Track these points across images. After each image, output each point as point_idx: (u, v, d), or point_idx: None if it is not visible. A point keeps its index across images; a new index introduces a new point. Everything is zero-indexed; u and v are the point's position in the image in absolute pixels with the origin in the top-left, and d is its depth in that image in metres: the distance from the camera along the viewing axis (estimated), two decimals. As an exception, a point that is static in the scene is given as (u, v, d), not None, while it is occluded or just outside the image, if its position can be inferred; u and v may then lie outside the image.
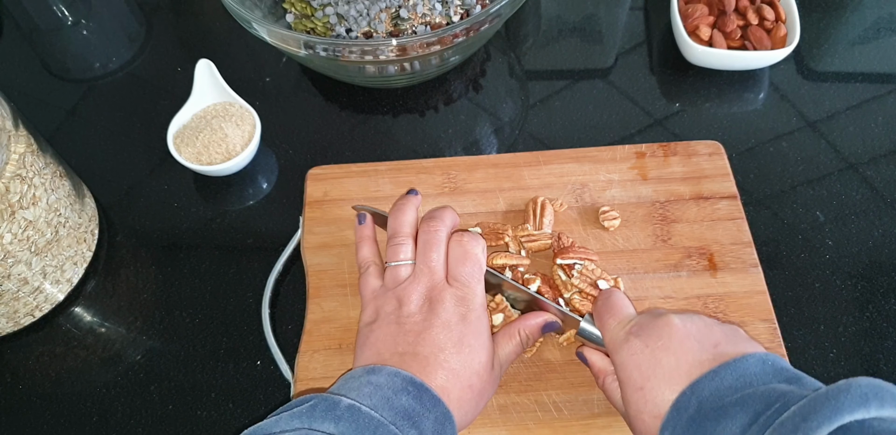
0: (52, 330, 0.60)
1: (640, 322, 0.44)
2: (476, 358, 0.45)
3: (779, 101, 0.70)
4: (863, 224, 0.62)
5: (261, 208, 0.66)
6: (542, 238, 0.57)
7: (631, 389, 0.42)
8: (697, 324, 0.43)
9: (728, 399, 0.37)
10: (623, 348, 0.43)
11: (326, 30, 0.70)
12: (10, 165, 0.50)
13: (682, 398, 0.39)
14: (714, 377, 0.39)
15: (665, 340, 0.42)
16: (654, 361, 0.41)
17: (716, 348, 0.41)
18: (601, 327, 0.47)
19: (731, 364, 0.39)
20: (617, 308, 0.47)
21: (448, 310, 0.46)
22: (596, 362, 0.48)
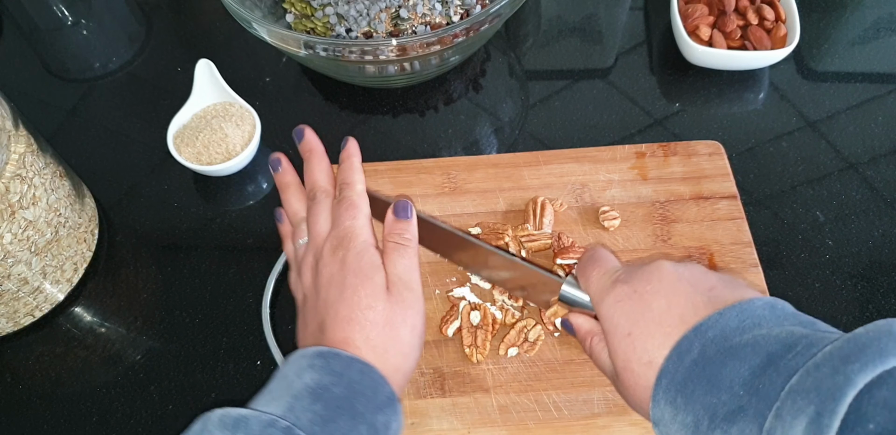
0: (52, 330, 0.60)
1: (627, 270, 0.41)
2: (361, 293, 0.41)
3: (779, 101, 0.70)
4: (863, 224, 0.62)
5: (261, 208, 0.66)
6: (542, 238, 0.57)
7: (618, 337, 0.38)
8: (691, 269, 0.40)
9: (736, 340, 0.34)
10: (609, 295, 0.40)
11: (326, 30, 0.70)
12: (10, 165, 0.50)
13: (684, 341, 0.35)
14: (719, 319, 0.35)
15: (655, 284, 0.38)
16: (644, 304, 0.38)
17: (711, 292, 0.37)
18: (585, 281, 0.43)
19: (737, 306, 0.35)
20: (602, 260, 0.43)
21: (329, 265, 0.43)
22: (582, 325, 0.44)
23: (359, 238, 0.44)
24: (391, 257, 0.44)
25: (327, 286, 0.43)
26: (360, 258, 0.43)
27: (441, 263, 0.57)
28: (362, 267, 0.42)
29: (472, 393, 0.52)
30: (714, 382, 0.33)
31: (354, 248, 0.43)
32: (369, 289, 0.42)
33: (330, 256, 0.44)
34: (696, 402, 0.33)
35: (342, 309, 0.41)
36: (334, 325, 0.41)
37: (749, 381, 0.32)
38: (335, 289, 0.42)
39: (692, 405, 0.33)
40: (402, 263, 0.44)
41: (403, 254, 0.44)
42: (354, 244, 0.44)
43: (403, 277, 0.43)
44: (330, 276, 0.43)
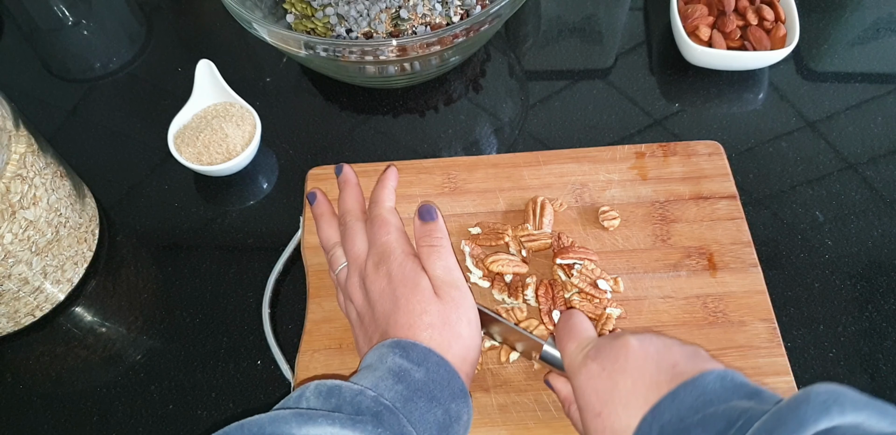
0: (52, 330, 0.60)
1: (597, 345, 0.43)
2: (414, 301, 0.44)
3: (778, 102, 0.70)
4: (862, 224, 0.62)
5: (261, 208, 0.66)
6: (542, 238, 0.57)
7: (590, 416, 0.40)
8: (656, 344, 0.42)
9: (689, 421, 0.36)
10: (581, 372, 0.42)
11: (327, 30, 0.70)
12: (11, 165, 0.50)
13: (643, 425, 0.38)
14: (674, 399, 0.38)
15: (622, 362, 0.40)
16: (611, 384, 0.40)
17: (674, 369, 0.40)
18: (562, 351, 0.45)
19: (690, 383, 0.38)
20: (577, 331, 0.45)
21: (376, 281, 0.46)
22: (561, 389, 0.47)
23: (397, 251, 0.47)
24: (429, 261, 0.46)
25: (380, 300, 0.45)
26: (403, 268, 0.45)
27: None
28: (407, 276, 0.45)
29: (473, 393, 0.52)
30: None
31: (395, 260, 0.46)
32: (419, 295, 0.44)
33: (374, 272, 0.46)
34: None
35: (400, 318, 0.44)
36: (396, 333, 0.44)
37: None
38: (388, 301, 0.45)
39: None
40: (440, 265, 0.46)
41: (439, 255, 0.47)
42: (394, 257, 0.46)
43: (445, 277, 0.46)
44: (380, 290, 0.46)
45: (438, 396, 0.40)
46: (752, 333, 0.53)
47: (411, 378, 0.40)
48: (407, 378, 0.40)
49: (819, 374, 0.55)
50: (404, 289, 0.45)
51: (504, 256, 0.56)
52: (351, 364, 0.54)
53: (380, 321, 0.45)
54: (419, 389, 0.40)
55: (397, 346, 0.42)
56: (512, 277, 0.56)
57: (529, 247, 0.57)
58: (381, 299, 0.45)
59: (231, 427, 0.38)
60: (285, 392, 0.56)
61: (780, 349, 0.53)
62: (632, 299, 0.55)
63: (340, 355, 0.54)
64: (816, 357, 0.56)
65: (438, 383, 0.41)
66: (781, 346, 0.53)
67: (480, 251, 0.57)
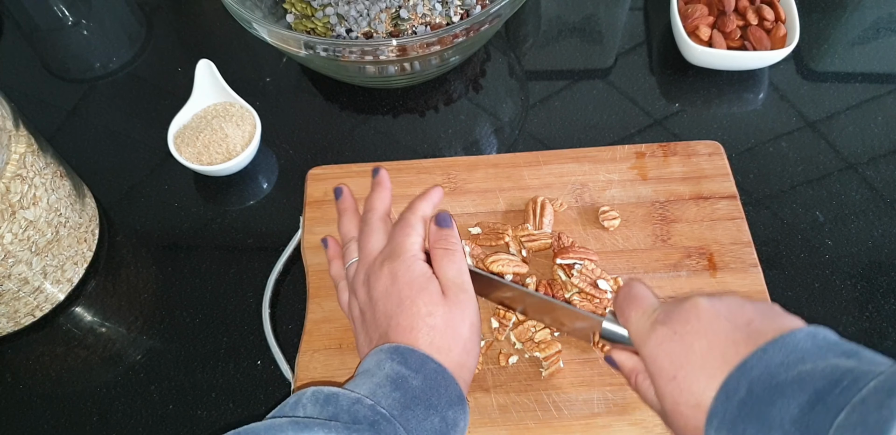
0: (52, 330, 0.60)
1: (665, 309, 0.41)
2: (420, 303, 0.44)
3: (778, 102, 0.70)
4: (862, 224, 0.62)
5: (261, 208, 0.66)
6: (542, 238, 0.57)
7: (664, 381, 0.39)
8: (727, 302, 0.40)
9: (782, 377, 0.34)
10: (650, 338, 0.40)
11: (327, 30, 0.70)
12: (11, 165, 0.50)
13: (730, 381, 0.36)
14: (763, 355, 0.35)
15: (693, 323, 0.39)
16: (685, 346, 0.38)
17: (749, 326, 0.38)
18: (625, 322, 0.43)
19: (779, 341, 0.36)
20: (639, 299, 0.43)
21: (381, 278, 0.46)
22: (625, 362, 0.45)
23: (408, 252, 0.46)
24: (442, 263, 0.46)
25: (384, 299, 0.45)
26: (411, 270, 0.45)
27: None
28: (415, 278, 0.45)
29: (472, 393, 0.52)
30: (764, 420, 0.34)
31: (404, 261, 0.46)
32: (426, 298, 0.44)
33: (380, 269, 0.46)
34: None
35: (403, 320, 0.44)
36: (397, 334, 0.43)
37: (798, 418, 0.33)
38: (393, 301, 0.45)
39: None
40: (452, 268, 0.46)
41: (453, 258, 0.47)
42: (403, 258, 0.46)
43: (456, 280, 0.46)
44: (385, 289, 0.45)
45: (436, 403, 0.40)
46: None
47: (409, 385, 0.40)
48: (404, 385, 0.40)
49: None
50: (410, 290, 0.44)
51: (504, 255, 0.56)
52: (351, 364, 0.54)
53: (380, 321, 0.45)
54: (417, 396, 0.40)
55: (395, 351, 0.42)
56: (512, 277, 0.56)
57: (529, 247, 0.57)
58: (385, 299, 0.45)
59: None
60: (286, 392, 0.56)
61: (780, 349, 0.53)
62: (632, 299, 0.55)
63: (340, 355, 0.54)
64: (816, 357, 0.56)
65: (436, 390, 0.41)
66: (781, 346, 0.53)
67: (480, 251, 0.57)
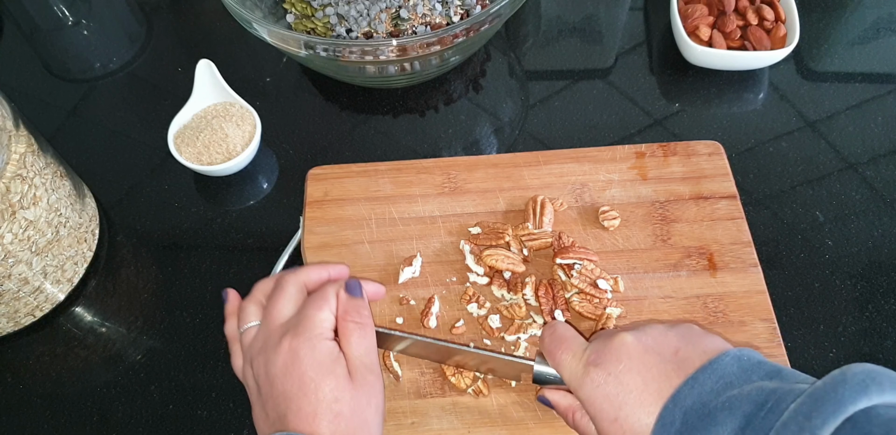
0: (52, 330, 0.60)
1: (595, 349, 0.42)
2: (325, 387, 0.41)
3: (778, 101, 0.70)
4: (862, 224, 0.62)
5: (261, 208, 0.66)
6: (542, 237, 0.57)
7: (606, 423, 0.39)
8: (651, 335, 0.41)
9: (713, 404, 0.36)
10: (585, 382, 0.41)
11: (327, 30, 0.70)
12: (11, 165, 0.50)
13: (665, 413, 0.37)
14: (693, 384, 0.37)
15: (626, 362, 0.40)
16: (621, 386, 0.39)
17: (677, 355, 0.39)
18: (556, 365, 0.44)
19: (708, 367, 0.37)
20: (567, 340, 0.44)
21: (280, 354, 0.42)
22: (560, 401, 0.45)
23: (315, 329, 0.42)
24: (351, 339, 0.43)
25: (283, 378, 0.41)
26: (315, 350, 0.41)
27: (440, 263, 0.57)
28: (320, 360, 0.41)
29: (473, 393, 0.52)
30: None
31: (308, 339, 0.42)
32: (332, 382, 0.41)
33: (279, 344, 0.42)
34: None
35: (305, 405, 0.40)
36: (298, 420, 0.40)
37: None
38: (293, 383, 0.41)
39: None
40: (363, 345, 0.43)
41: (363, 334, 0.43)
42: (308, 335, 0.42)
43: (365, 359, 0.43)
44: (284, 367, 0.41)
45: None
46: (753, 333, 0.53)
47: None
48: None
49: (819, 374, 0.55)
50: (315, 373, 0.41)
51: (502, 251, 0.56)
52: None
53: (279, 401, 0.41)
54: None
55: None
56: (511, 274, 0.56)
57: (530, 246, 0.57)
58: (284, 378, 0.41)
59: None
60: (285, 392, 0.56)
61: (780, 349, 0.53)
62: (632, 299, 0.55)
63: (340, 355, 0.54)
64: (816, 357, 0.56)
65: None
66: (782, 346, 0.53)
67: (479, 251, 0.57)
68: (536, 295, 0.54)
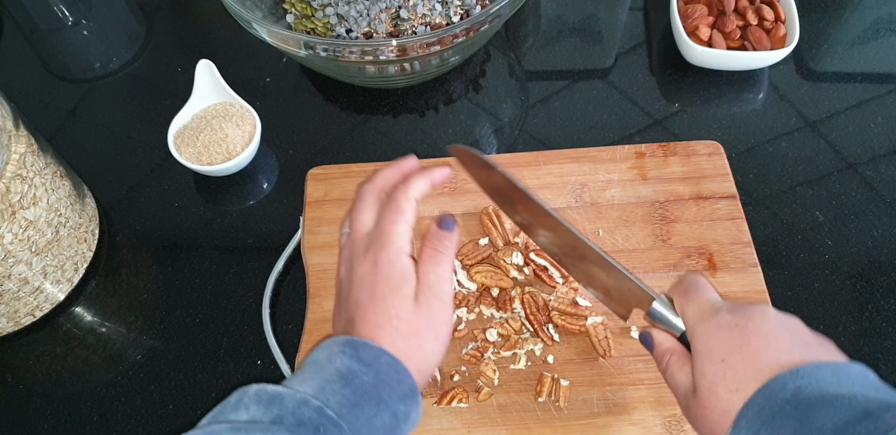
0: (52, 330, 0.60)
1: (732, 303, 0.43)
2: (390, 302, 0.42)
3: (778, 102, 0.70)
4: (862, 224, 0.62)
5: (261, 208, 0.66)
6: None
7: (710, 361, 0.40)
8: (792, 321, 0.42)
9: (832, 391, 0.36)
10: (710, 320, 0.41)
11: (326, 30, 0.70)
12: (11, 165, 0.50)
13: (780, 379, 0.37)
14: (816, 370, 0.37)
15: (758, 323, 0.40)
16: (743, 338, 0.40)
17: (807, 347, 0.39)
18: (684, 303, 0.44)
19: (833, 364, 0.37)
20: (704, 289, 0.44)
21: (364, 264, 0.44)
22: (664, 342, 0.45)
23: (394, 244, 0.43)
24: (426, 264, 0.44)
25: (359, 286, 0.43)
26: (392, 266, 0.43)
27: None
28: (393, 275, 0.43)
29: (472, 393, 0.52)
30: (804, 423, 0.35)
31: (388, 253, 0.43)
32: (397, 299, 0.42)
33: (363, 255, 0.44)
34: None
35: (370, 313, 0.42)
36: (362, 326, 0.42)
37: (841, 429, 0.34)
38: (366, 291, 0.43)
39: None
40: (435, 272, 0.44)
41: (439, 262, 0.44)
42: (389, 249, 0.43)
43: (435, 286, 0.43)
44: (361, 276, 0.43)
45: (386, 398, 0.39)
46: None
47: (359, 381, 0.39)
48: (355, 381, 0.39)
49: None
50: (385, 286, 0.42)
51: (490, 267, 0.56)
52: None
53: (351, 306, 0.43)
54: (366, 392, 0.39)
55: (348, 344, 0.41)
56: (499, 292, 0.56)
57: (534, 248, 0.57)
58: (361, 286, 0.43)
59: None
60: (285, 392, 0.56)
61: (780, 349, 0.53)
62: (632, 299, 0.55)
63: (340, 355, 0.54)
64: (816, 357, 0.56)
65: (388, 385, 0.40)
66: (781, 346, 0.53)
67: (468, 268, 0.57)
68: (526, 313, 0.54)
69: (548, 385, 0.52)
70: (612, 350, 0.53)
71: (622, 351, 0.54)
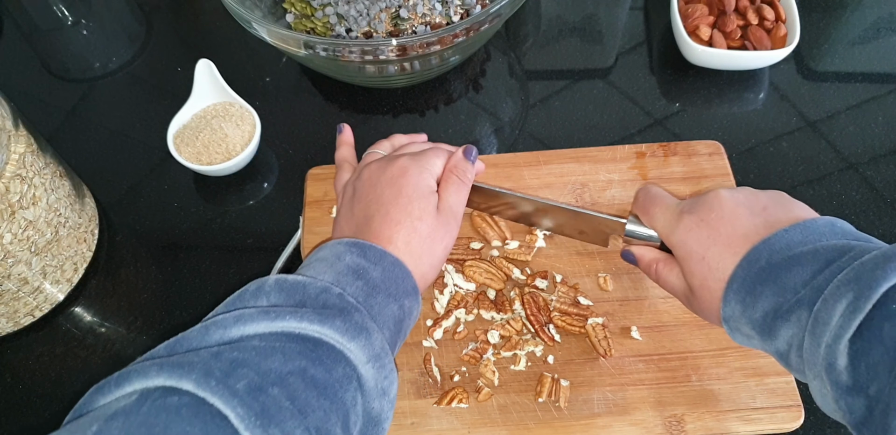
0: (52, 330, 0.60)
1: (689, 202, 0.46)
2: (416, 205, 0.45)
3: (779, 101, 0.70)
4: (863, 224, 0.62)
5: (261, 208, 0.66)
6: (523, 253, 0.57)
7: (693, 261, 0.43)
8: (744, 192, 0.44)
9: (798, 250, 0.39)
10: (679, 226, 0.44)
11: (326, 30, 0.70)
12: (10, 165, 0.50)
13: (753, 252, 0.40)
14: (784, 234, 0.40)
15: (717, 211, 0.43)
16: (712, 230, 0.42)
17: (765, 211, 0.42)
18: (650, 218, 0.47)
19: (800, 225, 0.40)
20: (661, 198, 0.48)
21: (393, 167, 0.47)
22: (646, 254, 0.48)
23: (429, 165, 0.48)
24: (449, 188, 0.48)
25: (385, 185, 0.46)
26: (421, 178, 0.47)
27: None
28: (420, 185, 0.47)
29: (473, 393, 0.52)
30: (780, 284, 0.38)
31: (420, 168, 0.47)
32: (423, 203, 0.46)
33: (396, 159, 0.48)
34: (765, 300, 0.39)
35: (393, 211, 0.45)
36: (383, 223, 0.45)
37: (809, 281, 0.38)
38: (392, 191, 0.46)
39: (760, 303, 0.39)
40: (455, 196, 0.48)
41: (460, 189, 0.48)
42: (422, 165, 0.48)
43: (454, 207, 0.48)
44: (391, 177, 0.47)
45: (394, 292, 0.42)
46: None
47: (369, 276, 0.42)
48: (365, 275, 0.42)
49: (819, 374, 0.55)
50: (413, 192, 0.46)
51: (484, 264, 0.56)
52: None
53: (371, 203, 0.46)
54: (377, 285, 0.42)
55: (355, 245, 0.43)
56: (495, 294, 0.56)
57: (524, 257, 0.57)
58: (386, 185, 0.46)
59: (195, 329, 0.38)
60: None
61: (780, 349, 0.53)
62: (632, 299, 0.55)
63: (340, 355, 0.54)
64: (817, 357, 0.56)
65: (394, 281, 0.42)
66: (782, 346, 0.53)
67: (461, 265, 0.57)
68: (527, 314, 0.54)
69: (548, 385, 0.52)
70: (613, 350, 0.53)
71: (622, 351, 0.53)
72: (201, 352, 0.35)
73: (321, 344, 0.37)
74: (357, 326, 0.38)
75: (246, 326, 0.37)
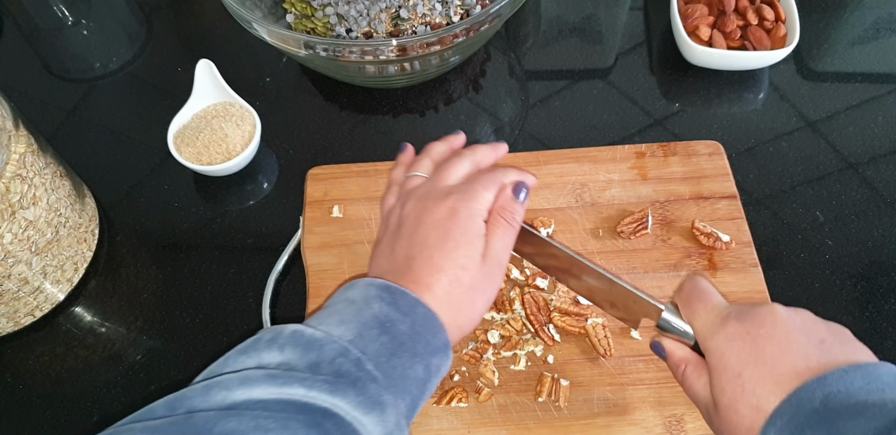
0: (52, 330, 0.60)
1: (739, 308, 0.41)
2: (462, 252, 0.42)
3: (778, 101, 0.70)
4: (862, 224, 0.62)
5: (261, 208, 0.66)
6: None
7: (727, 376, 0.39)
8: (803, 316, 0.40)
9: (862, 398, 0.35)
10: (720, 332, 0.40)
11: (326, 30, 0.70)
12: (11, 165, 0.50)
13: (806, 389, 0.36)
14: (844, 375, 0.36)
15: (769, 328, 0.39)
16: (756, 348, 0.38)
17: (822, 345, 0.38)
18: (691, 314, 0.43)
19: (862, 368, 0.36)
20: (708, 294, 0.43)
21: (440, 208, 0.43)
22: (676, 352, 0.44)
23: (479, 203, 0.44)
24: (496, 232, 0.44)
25: (430, 226, 0.43)
26: (471, 220, 0.43)
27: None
28: (470, 229, 0.43)
29: (473, 393, 0.52)
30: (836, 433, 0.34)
31: (469, 209, 0.43)
32: (470, 251, 0.42)
33: (444, 199, 0.44)
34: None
35: (437, 256, 0.42)
36: (424, 268, 0.42)
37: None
38: (438, 234, 0.42)
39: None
40: (503, 241, 0.44)
41: (507, 233, 0.44)
42: (472, 205, 0.43)
43: (500, 253, 0.44)
44: (436, 220, 0.43)
45: (421, 351, 0.39)
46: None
47: (396, 330, 0.39)
48: (392, 329, 0.39)
49: (819, 374, 0.55)
50: (461, 236, 0.42)
51: None
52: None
53: (414, 244, 0.43)
54: (403, 342, 0.38)
55: (386, 290, 0.40)
56: None
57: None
58: (432, 227, 0.43)
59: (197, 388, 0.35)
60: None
61: (780, 349, 0.52)
62: (632, 299, 0.55)
63: (340, 355, 0.54)
64: (817, 357, 0.56)
65: (423, 336, 0.39)
66: (782, 346, 0.53)
67: None
68: (527, 313, 0.54)
69: (548, 385, 0.52)
70: (613, 350, 0.53)
71: (622, 351, 0.54)
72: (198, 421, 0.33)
73: (330, 415, 0.35)
74: (371, 400, 0.36)
75: (251, 390, 0.34)
